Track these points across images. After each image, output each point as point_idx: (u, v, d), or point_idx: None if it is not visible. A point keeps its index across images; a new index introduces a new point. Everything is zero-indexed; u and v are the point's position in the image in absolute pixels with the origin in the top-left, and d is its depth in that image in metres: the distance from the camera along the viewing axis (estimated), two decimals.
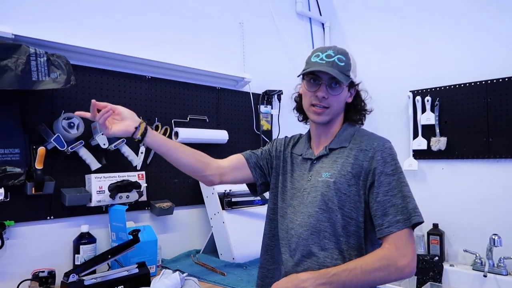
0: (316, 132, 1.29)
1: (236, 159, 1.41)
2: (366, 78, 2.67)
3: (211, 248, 1.98)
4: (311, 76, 1.20)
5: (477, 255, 2.06)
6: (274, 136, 2.45)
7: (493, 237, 1.96)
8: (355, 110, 1.30)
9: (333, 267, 1.10)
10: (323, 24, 2.87)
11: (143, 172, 1.80)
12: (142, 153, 1.82)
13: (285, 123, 2.48)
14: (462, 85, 2.20)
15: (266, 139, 2.39)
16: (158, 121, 1.90)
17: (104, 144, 1.63)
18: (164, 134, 1.91)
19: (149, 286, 1.37)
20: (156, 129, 1.89)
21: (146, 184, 1.77)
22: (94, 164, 1.63)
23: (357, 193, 1.15)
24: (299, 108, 1.37)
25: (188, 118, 2.02)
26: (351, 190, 1.15)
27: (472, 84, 2.17)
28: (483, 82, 2.13)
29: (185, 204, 2.00)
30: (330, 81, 1.18)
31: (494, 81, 2.09)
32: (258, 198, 2.08)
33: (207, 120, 2.11)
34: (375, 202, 1.11)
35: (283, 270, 1.23)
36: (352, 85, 1.25)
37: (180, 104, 2.01)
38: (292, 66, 2.62)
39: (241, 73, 2.24)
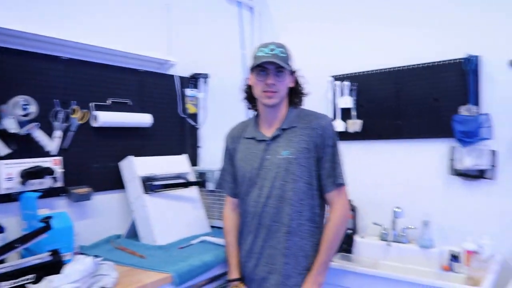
0: (267, 116, 1.55)
1: (233, 204, 1.69)
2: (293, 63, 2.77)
3: (133, 232, 1.98)
4: (260, 68, 1.45)
5: (383, 226, 2.26)
6: (201, 119, 2.46)
7: (396, 209, 2.16)
8: (296, 93, 1.58)
9: (315, 262, 1.47)
10: (252, 9, 2.89)
11: (60, 158, 1.74)
12: (58, 137, 1.75)
13: (212, 106, 2.50)
14: (376, 72, 2.36)
15: (192, 123, 2.40)
16: (76, 104, 1.83)
17: (13, 129, 1.55)
18: (82, 118, 1.86)
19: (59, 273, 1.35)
20: (74, 112, 1.82)
21: (61, 170, 1.72)
22: (2, 149, 1.55)
23: (313, 164, 1.48)
24: (248, 98, 1.62)
25: (109, 101, 1.98)
26: (309, 162, 1.47)
27: (384, 70, 2.33)
28: (394, 69, 2.30)
29: (105, 189, 1.96)
30: (276, 70, 1.45)
31: (403, 68, 2.26)
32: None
33: (130, 104, 2.07)
34: (322, 168, 1.48)
35: (253, 241, 1.54)
36: (292, 72, 1.54)
37: (101, 87, 1.95)
38: (220, 50, 2.63)
39: (166, 55, 2.21)
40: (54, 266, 1.41)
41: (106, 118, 1.88)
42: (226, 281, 1.65)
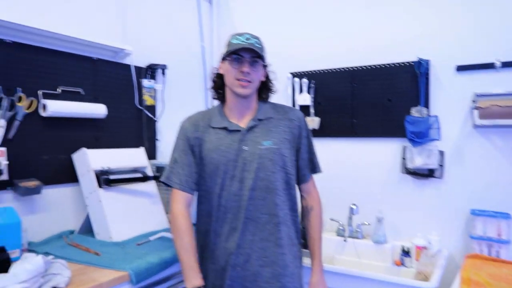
0: (237, 106, 1.47)
1: (188, 200, 1.48)
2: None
3: (87, 228, 1.89)
4: (235, 55, 1.39)
5: (340, 222, 2.33)
6: (158, 111, 2.39)
7: (352, 206, 2.24)
8: (266, 88, 1.53)
9: (316, 249, 1.55)
10: (211, 0, 2.84)
11: (4, 149, 1.61)
12: (1, 127, 1.63)
13: (169, 98, 2.44)
14: (333, 70, 2.42)
15: (150, 115, 2.32)
16: (22, 92, 1.70)
17: None
18: (29, 106, 1.73)
19: (7, 272, 1.26)
20: (19, 100, 1.69)
21: (6, 162, 1.60)
22: None
23: (293, 154, 1.48)
24: (216, 87, 1.53)
25: (59, 90, 1.86)
26: (290, 152, 1.47)
27: (341, 70, 2.39)
28: (350, 69, 2.36)
29: (56, 183, 1.85)
30: (252, 59, 1.40)
31: (359, 68, 2.33)
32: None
33: (82, 93, 1.96)
34: (301, 159, 1.51)
35: (240, 237, 1.40)
36: (264, 65, 1.48)
37: (50, 74, 1.83)
38: (179, 41, 2.57)
39: (122, 44, 2.12)
40: (0, 265, 1.32)
41: (55, 107, 1.77)
42: None
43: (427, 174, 2.16)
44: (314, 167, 1.57)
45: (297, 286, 1.47)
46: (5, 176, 1.60)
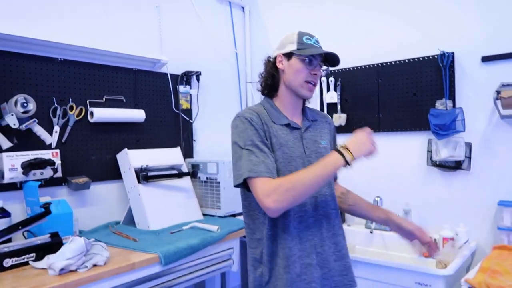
0: (294, 106, 1.43)
1: None
2: None
3: (130, 219, 2.14)
4: (310, 57, 1.37)
5: None
6: (194, 114, 2.61)
7: (376, 199, 2.28)
8: None
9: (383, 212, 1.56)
10: (243, 8, 3.02)
11: (58, 150, 1.90)
12: (56, 132, 1.92)
13: (203, 102, 2.64)
14: (359, 68, 2.47)
15: (186, 118, 2.54)
16: (72, 101, 1.99)
17: (14, 124, 1.71)
18: (79, 114, 2.02)
19: None
20: (71, 109, 1.98)
21: (60, 161, 1.88)
22: (5, 143, 1.72)
23: None
24: (271, 84, 1.44)
25: (104, 99, 2.13)
26: None
27: (367, 66, 2.44)
28: (375, 65, 2.40)
29: (103, 179, 2.13)
30: (321, 63, 1.41)
31: (384, 64, 2.37)
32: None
33: (124, 100, 2.22)
34: None
35: (317, 233, 1.34)
36: None
37: (96, 85, 2.11)
38: (211, 48, 2.77)
39: (158, 55, 2.36)
40: (53, 246, 1.58)
41: (101, 114, 2.04)
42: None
43: (454, 166, 2.14)
44: None
45: None
46: (59, 174, 1.88)
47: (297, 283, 1.30)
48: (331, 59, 1.42)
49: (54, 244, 1.59)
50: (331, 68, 2.52)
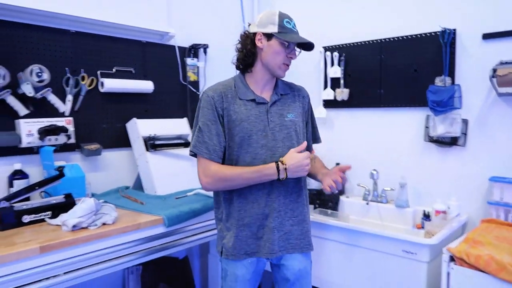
0: (265, 82, 1.56)
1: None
2: None
3: (139, 184, 2.28)
4: (290, 42, 1.49)
5: (366, 188, 2.47)
6: (201, 86, 2.69)
7: (372, 171, 2.37)
8: None
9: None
10: None
11: (71, 118, 2.03)
12: (69, 101, 2.04)
13: (210, 74, 2.72)
14: (363, 43, 2.51)
15: (193, 89, 2.63)
16: (84, 72, 2.10)
17: (30, 93, 1.83)
18: (91, 84, 2.13)
19: None
20: (82, 79, 2.09)
21: (73, 129, 2.01)
22: (22, 110, 1.85)
23: (304, 127, 1.65)
24: (246, 58, 1.54)
25: (114, 70, 2.23)
26: (302, 125, 1.64)
27: (370, 42, 2.47)
28: (378, 41, 2.43)
29: (114, 147, 2.26)
30: (294, 45, 1.52)
31: (387, 40, 2.40)
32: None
33: (133, 72, 2.32)
34: (307, 131, 1.69)
35: (275, 200, 1.52)
36: None
37: (106, 57, 2.20)
38: (219, 22, 2.81)
39: (167, 27, 2.43)
40: (67, 206, 1.73)
41: (111, 84, 2.15)
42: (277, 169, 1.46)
43: (450, 142, 2.20)
44: (316, 138, 1.75)
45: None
46: (72, 140, 2.02)
47: (252, 240, 1.53)
48: (307, 45, 1.52)
49: (68, 204, 1.74)
50: (335, 43, 2.60)
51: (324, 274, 2.08)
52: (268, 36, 1.48)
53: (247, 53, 1.53)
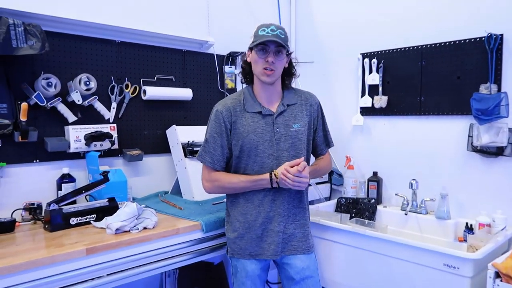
0: (265, 92, 1.67)
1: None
2: (327, 40, 2.90)
3: (177, 189, 2.34)
4: (262, 46, 1.57)
5: (405, 197, 2.41)
6: None
7: (412, 181, 2.30)
8: (288, 74, 1.74)
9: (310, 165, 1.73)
10: None
11: (115, 125, 2.11)
12: (113, 108, 2.13)
13: None
14: (402, 49, 2.46)
15: None
16: (127, 80, 2.19)
17: (78, 101, 1.93)
18: (134, 92, 2.21)
19: None
20: (126, 87, 2.18)
21: (116, 135, 2.09)
22: (71, 117, 1.95)
23: (311, 134, 1.74)
24: (245, 74, 1.74)
25: (155, 78, 2.31)
26: (309, 133, 1.72)
27: (410, 48, 2.42)
28: (419, 47, 2.38)
29: (154, 152, 2.33)
30: (276, 49, 1.58)
31: (428, 46, 2.34)
32: None
33: (174, 80, 2.39)
34: (317, 136, 1.77)
35: (279, 206, 1.66)
36: (288, 53, 1.67)
37: (148, 66, 2.29)
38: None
39: (206, 36, 2.49)
40: (110, 209, 1.80)
41: (152, 92, 2.23)
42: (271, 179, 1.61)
43: (496, 152, 2.11)
44: (328, 142, 1.82)
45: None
46: (116, 146, 2.10)
47: (256, 242, 1.66)
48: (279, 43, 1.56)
49: (111, 208, 1.81)
50: (373, 50, 2.58)
51: (361, 285, 2.05)
52: (250, 49, 1.63)
53: (243, 69, 1.72)
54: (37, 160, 1.91)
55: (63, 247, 1.46)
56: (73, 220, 1.70)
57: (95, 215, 1.77)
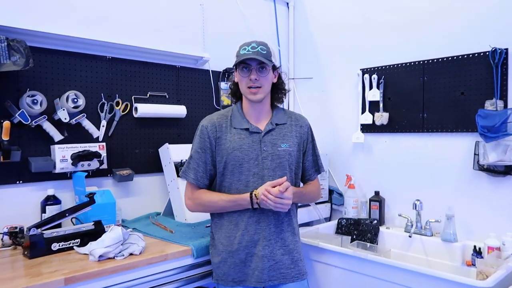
0: (254, 110, 1.63)
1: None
2: (326, 56, 2.83)
3: (169, 211, 2.23)
4: (243, 65, 1.55)
5: (409, 218, 2.29)
6: None
7: (415, 202, 2.19)
8: (278, 89, 1.68)
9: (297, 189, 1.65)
10: (287, 3, 3.00)
11: (104, 143, 2.03)
12: (103, 126, 2.05)
13: None
14: (403, 65, 2.38)
15: None
16: (118, 97, 2.11)
17: (65, 119, 1.85)
18: (125, 109, 2.13)
19: None
20: (117, 104, 2.10)
21: (105, 154, 2.00)
22: (57, 136, 1.86)
23: (300, 156, 1.67)
24: (234, 93, 1.72)
25: (148, 95, 2.23)
26: (298, 155, 1.66)
27: (411, 63, 2.34)
28: (420, 62, 2.30)
29: (146, 172, 2.24)
30: (258, 66, 1.54)
31: (430, 61, 2.26)
32: None
33: (167, 96, 2.31)
34: (306, 160, 1.70)
35: (264, 229, 1.58)
36: (274, 68, 1.60)
37: (141, 82, 2.21)
38: None
39: (201, 52, 2.43)
40: (96, 233, 1.69)
41: (144, 109, 2.14)
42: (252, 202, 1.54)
43: (504, 171, 2.01)
44: (318, 168, 1.75)
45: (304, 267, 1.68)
46: (105, 166, 2.01)
47: (240, 267, 1.57)
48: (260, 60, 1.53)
49: (97, 232, 1.70)
50: (373, 65, 2.52)
51: None
52: (236, 69, 1.61)
53: (232, 89, 1.71)
54: (21, 181, 1.81)
55: (41, 276, 1.35)
56: (55, 246, 1.60)
57: (79, 240, 1.67)
